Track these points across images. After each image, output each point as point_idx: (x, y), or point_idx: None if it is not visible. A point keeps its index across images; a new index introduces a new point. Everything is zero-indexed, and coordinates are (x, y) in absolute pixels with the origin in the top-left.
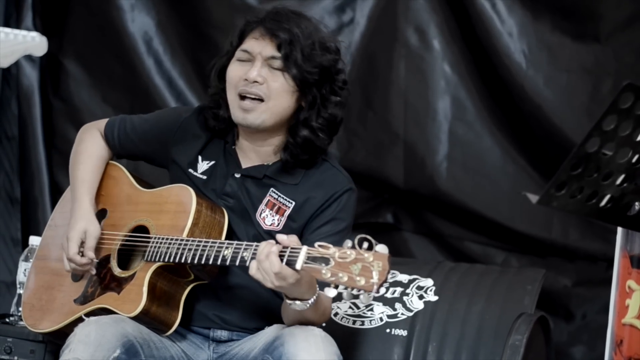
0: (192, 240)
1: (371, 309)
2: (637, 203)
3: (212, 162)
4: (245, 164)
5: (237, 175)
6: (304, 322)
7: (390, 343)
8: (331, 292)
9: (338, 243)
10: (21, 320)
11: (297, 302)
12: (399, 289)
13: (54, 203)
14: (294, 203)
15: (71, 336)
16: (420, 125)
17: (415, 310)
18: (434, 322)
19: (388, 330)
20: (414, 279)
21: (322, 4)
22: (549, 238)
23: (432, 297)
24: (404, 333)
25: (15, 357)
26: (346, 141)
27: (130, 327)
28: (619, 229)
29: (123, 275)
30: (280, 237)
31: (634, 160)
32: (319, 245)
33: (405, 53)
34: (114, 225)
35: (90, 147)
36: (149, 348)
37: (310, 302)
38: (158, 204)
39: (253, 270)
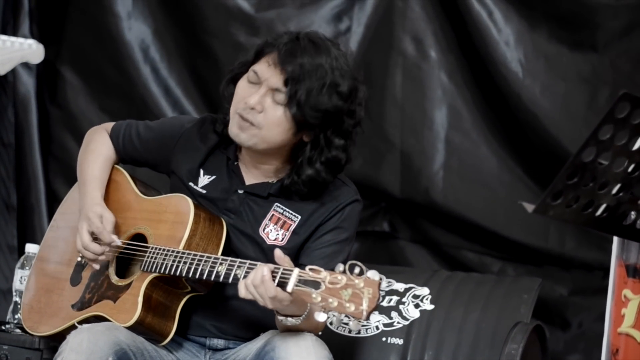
0: (188, 254)
1: (367, 318)
2: (633, 212)
3: (214, 177)
4: (248, 180)
5: (240, 192)
6: (298, 331)
7: (386, 352)
8: (321, 317)
9: (338, 253)
10: (17, 327)
11: (290, 319)
12: (395, 298)
13: (50, 210)
14: (299, 217)
15: (63, 344)
16: (416, 134)
17: (411, 319)
18: (430, 330)
19: (384, 339)
20: (410, 288)
21: (320, 13)
22: (545, 247)
23: (428, 305)
24: (400, 342)
25: None
26: None
27: (124, 335)
28: (615, 238)
29: (120, 284)
30: (278, 253)
31: (630, 169)
32: (310, 269)
33: (402, 62)
34: None
35: (99, 147)
36: (142, 356)
37: (301, 318)
38: (157, 213)
39: (242, 292)
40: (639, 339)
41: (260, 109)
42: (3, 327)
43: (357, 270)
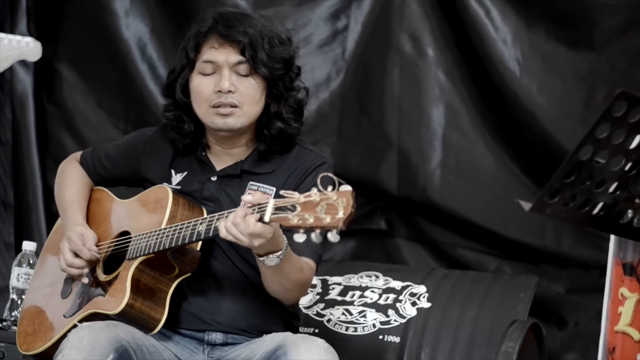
0: (169, 227)
1: (364, 316)
2: (629, 211)
3: (185, 173)
4: (219, 166)
5: (214, 179)
6: (287, 285)
7: (383, 350)
8: (300, 237)
9: None
10: (14, 325)
11: (270, 256)
12: (392, 296)
13: (47, 208)
14: (274, 189)
15: (64, 341)
16: (414, 132)
17: (408, 316)
18: (427, 328)
19: (381, 337)
20: (407, 286)
21: (317, 11)
22: (542, 245)
23: (425, 303)
24: (397, 340)
25: None
26: (340, 148)
27: (123, 332)
28: (612, 237)
29: (108, 279)
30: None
31: (626, 168)
32: (284, 194)
33: (399, 60)
34: (99, 239)
35: (73, 175)
36: (141, 353)
37: (280, 253)
38: (137, 208)
39: (223, 232)
40: (636, 337)
41: (234, 89)
42: (0, 325)
43: (329, 187)
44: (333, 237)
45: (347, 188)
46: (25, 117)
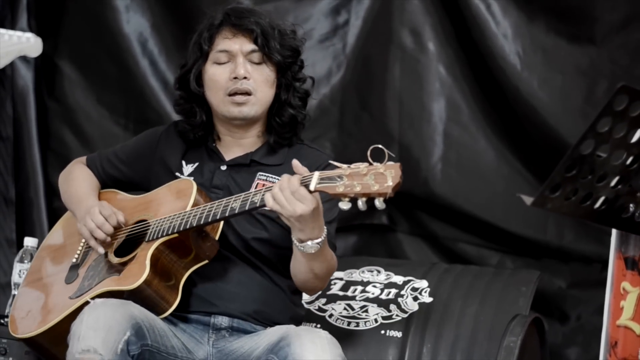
0: (197, 208)
1: (366, 311)
2: (631, 205)
3: (197, 164)
4: (229, 157)
5: (224, 168)
6: (319, 274)
7: (385, 344)
8: (345, 205)
9: (328, 211)
10: None
11: (309, 243)
12: (393, 291)
13: (49, 204)
14: None
15: (77, 323)
16: (415, 127)
17: (410, 311)
18: (429, 323)
19: (383, 332)
20: (409, 281)
21: (318, 6)
22: (544, 239)
23: (426, 298)
24: (399, 334)
25: (10, 359)
26: (341, 143)
27: (137, 310)
28: (614, 231)
29: (123, 261)
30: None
31: (628, 162)
32: (332, 164)
33: (400, 55)
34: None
35: (81, 174)
36: (154, 333)
37: (320, 240)
38: (157, 200)
39: (270, 202)
40: (638, 332)
41: (249, 76)
42: (2, 321)
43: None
44: (380, 204)
45: (394, 163)
46: (26, 113)
